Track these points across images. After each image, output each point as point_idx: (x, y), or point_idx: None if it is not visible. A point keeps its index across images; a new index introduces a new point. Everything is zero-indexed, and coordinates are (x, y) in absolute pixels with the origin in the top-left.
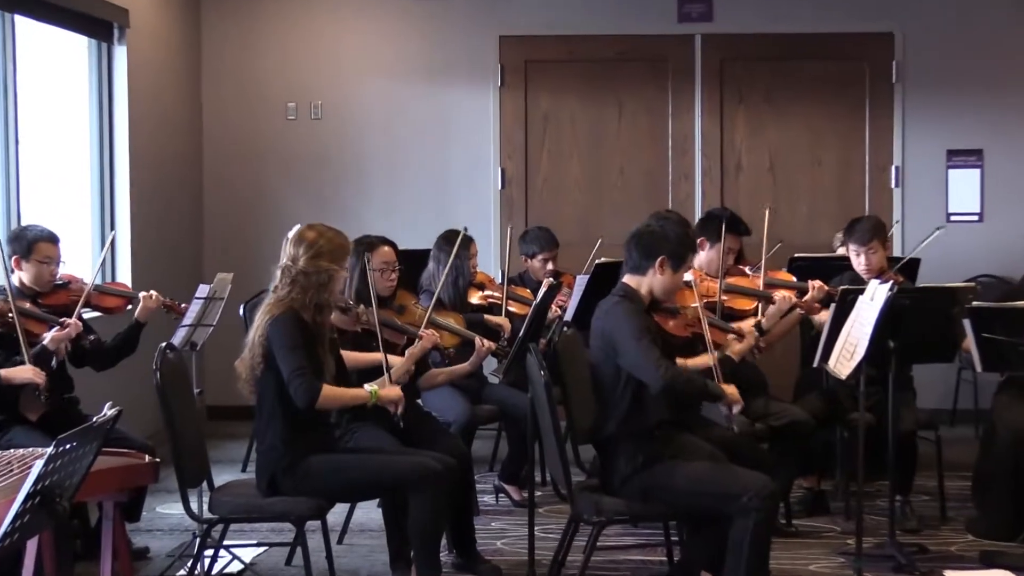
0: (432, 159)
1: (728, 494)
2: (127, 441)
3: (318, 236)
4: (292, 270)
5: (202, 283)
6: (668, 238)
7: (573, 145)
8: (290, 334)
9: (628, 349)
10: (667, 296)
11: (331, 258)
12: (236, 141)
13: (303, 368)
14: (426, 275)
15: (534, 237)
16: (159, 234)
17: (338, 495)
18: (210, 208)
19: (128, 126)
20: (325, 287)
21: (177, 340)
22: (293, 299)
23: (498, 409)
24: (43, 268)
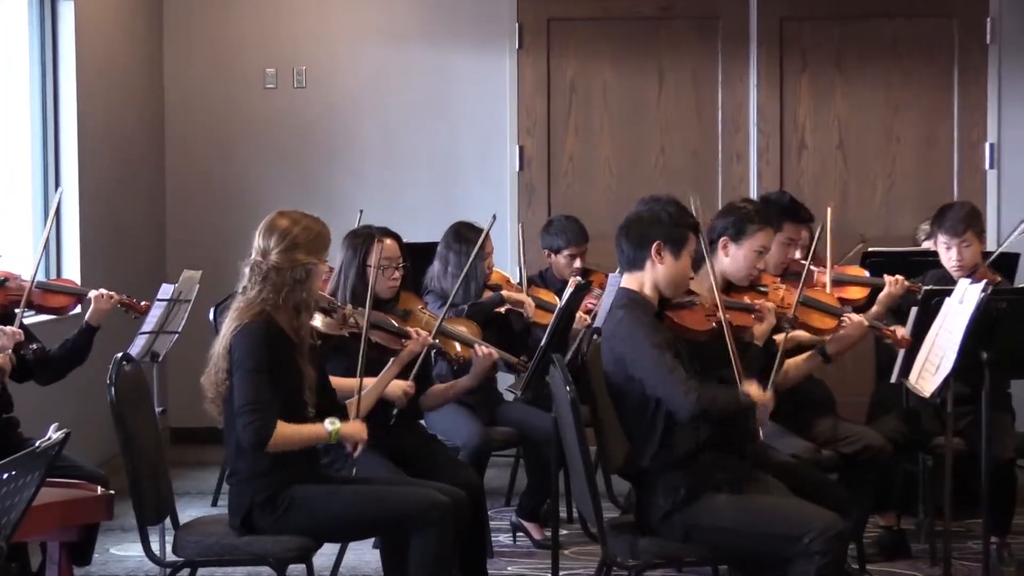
0: (437, 136)
1: (787, 534)
2: (76, 470)
3: (292, 224)
4: (262, 266)
5: (165, 283)
6: (660, 220)
7: (605, 119)
8: (255, 351)
9: (646, 374)
10: (675, 288)
11: (308, 250)
12: (205, 114)
13: (258, 403)
14: (430, 275)
15: (559, 229)
16: (113, 224)
17: (327, 533)
18: (174, 193)
19: (76, 96)
20: (302, 285)
21: (136, 349)
22: (265, 300)
23: (516, 432)
24: None
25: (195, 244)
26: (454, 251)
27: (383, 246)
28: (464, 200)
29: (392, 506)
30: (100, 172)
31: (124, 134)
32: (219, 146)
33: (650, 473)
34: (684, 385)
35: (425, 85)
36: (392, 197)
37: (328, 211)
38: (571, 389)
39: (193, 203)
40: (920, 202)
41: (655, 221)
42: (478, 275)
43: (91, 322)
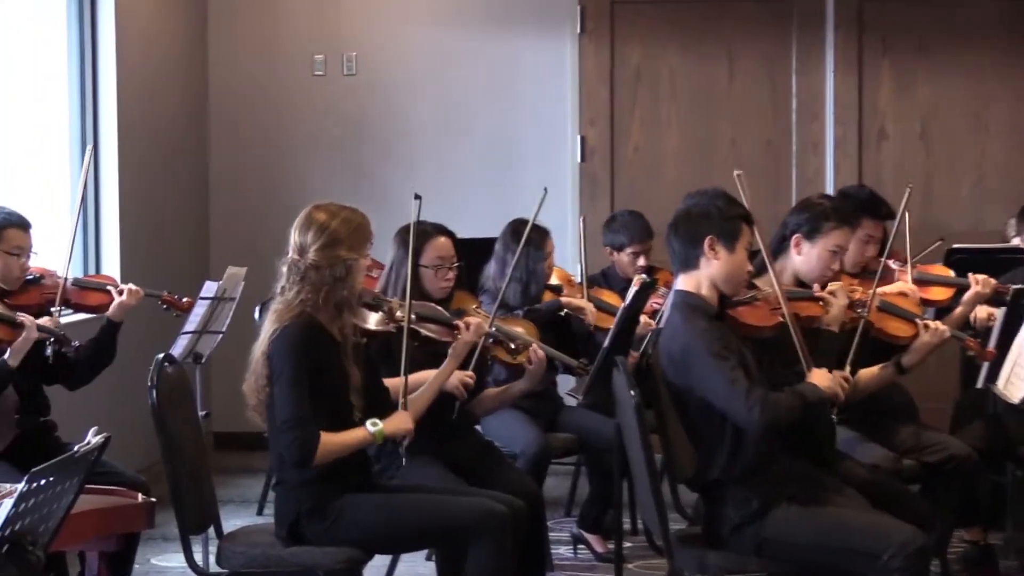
0: (494, 126)
1: (866, 550)
2: (116, 476)
3: (329, 218)
4: (300, 265)
5: (208, 280)
6: (709, 214)
7: (672, 108)
8: (294, 358)
9: (709, 385)
10: (734, 283)
11: (349, 245)
12: (250, 103)
13: (300, 419)
14: (487, 275)
15: (623, 224)
16: (154, 219)
17: (378, 544)
18: (218, 187)
19: (115, 84)
20: (343, 282)
21: (178, 350)
22: (304, 301)
23: (576, 438)
24: (11, 261)
25: (240, 239)
26: (511, 251)
27: (436, 244)
28: (522, 194)
29: (447, 516)
30: (140, 165)
31: (166, 125)
32: (265, 137)
33: (719, 483)
34: (747, 400)
35: (482, 72)
36: (447, 190)
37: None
38: (635, 393)
39: (238, 197)
40: (1011, 196)
41: (705, 215)
42: (537, 276)
43: (111, 317)
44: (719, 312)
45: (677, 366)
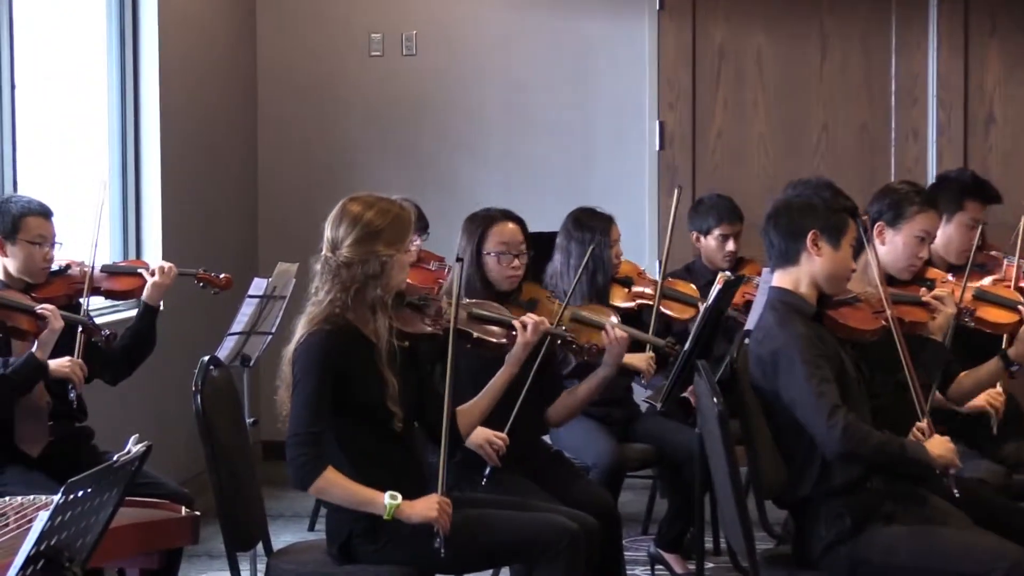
0: (566, 110)
1: (970, 572)
2: (158, 487)
3: (363, 209)
4: (332, 262)
5: (257, 276)
6: (814, 206)
7: (758, 92)
8: (316, 370)
9: (794, 393)
10: (836, 283)
11: (386, 239)
12: (302, 86)
13: (308, 435)
14: (551, 271)
15: (710, 206)
16: (199, 212)
17: (436, 564)
18: (267, 176)
19: (158, 67)
20: (376, 280)
21: (224, 352)
22: (333, 302)
23: (654, 449)
24: (33, 251)
25: (290, 233)
26: (575, 240)
27: (501, 229)
28: (596, 183)
29: (512, 534)
30: (184, 153)
31: (211, 109)
32: (318, 122)
33: (811, 499)
34: (829, 418)
35: (552, 52)
36: (513, 180)
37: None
38: (719, 401)
39: (288, 188)
40: None
41: (808, 208)
42: (604, 264)
43: (147, 301)
44: (817, 313)
45: (765, 369)
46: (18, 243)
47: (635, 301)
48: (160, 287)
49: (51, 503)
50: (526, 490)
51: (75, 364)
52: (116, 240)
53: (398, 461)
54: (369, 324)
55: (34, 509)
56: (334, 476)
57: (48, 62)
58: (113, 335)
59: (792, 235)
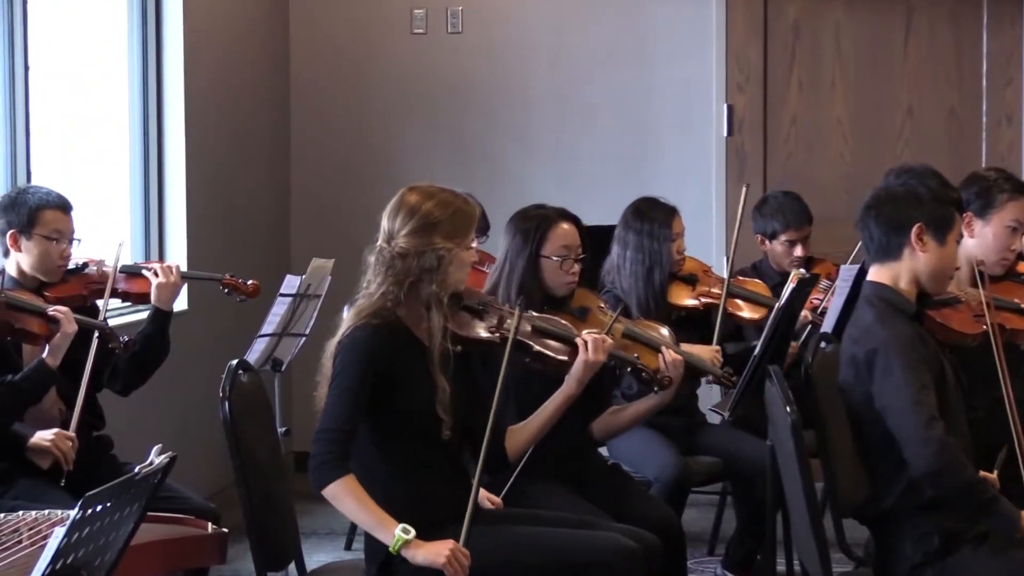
0: (625, 93)
1: None
2: (182, 502)
3: (423, 200)
4: (386, 253)
5: (289, 273)
6: (919, 197)
7: (836, 72)
8: (358, 366)
9: (888, 400)
10: (939, 281)
11: (445, 232)
12: (338, 66)
13: (339, 433)
14: (607, 266)
15: (777, 207)
16: (227, 203)
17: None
18: (300, 164)
19: (183, 46)
20: (432, 274)
21: (254, 356)
22: (386, 296)
23: (721, 462)
24: (49, 247)
25: (326, 227)
26: (633, 231)
27: (560, 232)
28: (657, 172)
29: (567, 553)
30: (211, 140)
31: (240, 92)
32: (356, 106)
33: (895, 516)
34: (926, 429)
35: (609, 30)
36: (567, 169)
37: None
38: (792, 410)
39: (323, 177)
40: None
41: (913, 199)
42: (663, 260)
43: (156, 304)
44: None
45: (859, 370)
46: (33, 238)
47: (700, 300)
48: (165, 288)
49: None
50: (574, 507)
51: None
52: (137, 235)
53: (444, 473)
54: (422, 323)
55: (49, 525)
56: (353, 485)
57: (66, 43)
58: (132, 342)
59: (895, 227)
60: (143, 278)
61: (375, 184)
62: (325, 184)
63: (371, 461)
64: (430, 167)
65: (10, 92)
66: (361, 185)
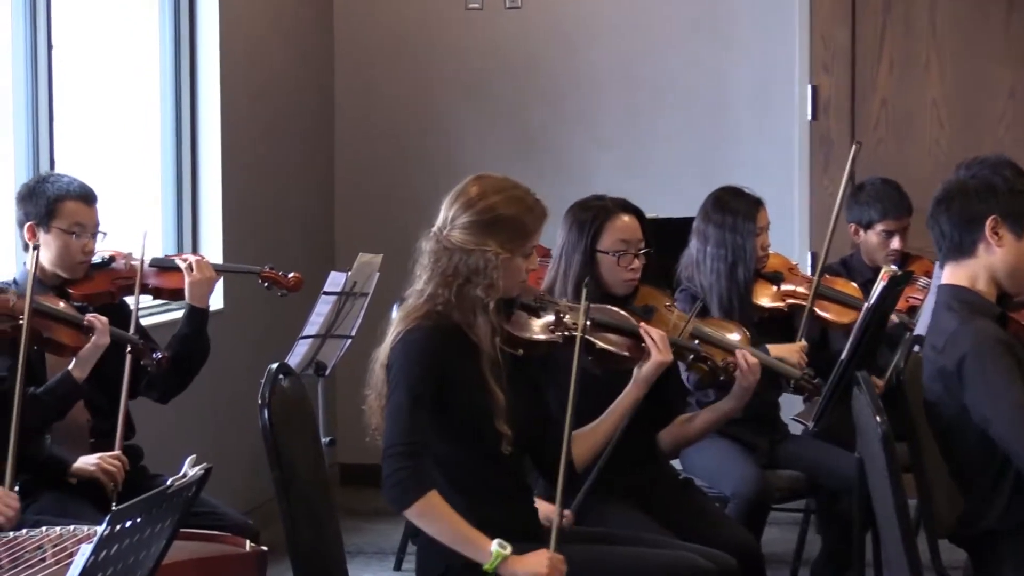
0: (699, 73)
1: None
2: (218, 518)
3: (486, 192)
4: (435, 242)
5: (334, 270)
6: (993, 188)
7: (931, 50)
8: (418, 370)
9: (987, 411)
10: (1020, 280)
11: (503, 235)
12: (387, 44)
13: (409, 447)
14: (686, 260)
15: (875, 194)
16: (265, 193)
17: None
18: (345, 152)
19: (218, 20)
20: (479, 277)
21: (296, 359)
22: (435, 298)
23: (805, 477)
24: (70, 241)
25: (373, 219)
26: (713, 223)
27: (619, 224)
28: (733, 160)
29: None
30: (249, 123)
31: (280, 71)
32: (406, 88)
33: (993, 536)
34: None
35: (684, 4)
36: (636, 155)
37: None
38: (882, 420)
39: (370, 166)
40: None
41: (987, 190)
42: (746, 255)
43: (193, 302)
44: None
45: (949, 382)
46: (52, 230)
47: (785, 301)
48: (200, 284)
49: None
50: (640, 526)
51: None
52: (169, 226)
53: (506, 490)
54: (473, 327)
55: (75, 541)
56: (439, 502)
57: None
58: (166, 359)
59: (968, 223)
60: (175, 272)
61: (427, 172)
62: (372, 172)
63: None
64: (486, 154)
65: (32, 72)
66: (412, 174)
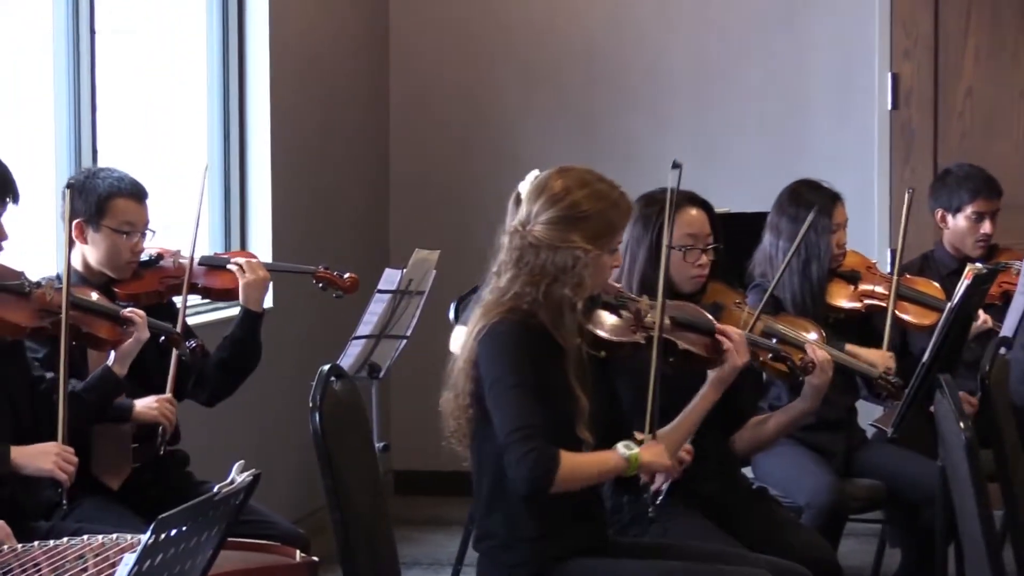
0: (775, 60)
1: None
2: (267, 527)
3: (572, 187)
4: (518, 238)
5: (388, 267)
6: None
7: (1019, 37)
8: (514, 358)
9: None
10: None
11: (589, 231)
12: (445, 26)
13: (531, 429)
14: (760, 256)
15: (961, 177)
16: (317, 185)
17: None
18: (400, 142)
19: (268, 9)
20: (567, 275)
21: (349, 360)
22: (520, 295)
23: (884, 486)
24: (119, 241)
25: (430, 214)
26: (788, 216)
27: (686, 218)
28: (809, 152)
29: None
30: (299, 111)
31: (333, 57)
32: (465, 74)
33: None
34: None
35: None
36: (705, 148)
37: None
38: (966, 426)
39: (427, 156)
40: None
41: None
42: (821, 253)
43: (246, 305)
44: None
45: None
46: (101, 229)
47: (862, 301)
48: (252, 286)
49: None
50: (708, 537)
51: (163, 404)
52: (216, 222)
53: (581, 500)
54: (559, 328)
55: (117, 551)
56: (570, 462)
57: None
58: (201, 347)
59: None
60: (227, 272)
61: (487, 164)
62: (429, 164)
63: (498, 482)
64: (550, 144)
65: (74, 59)
66: (471, 165)
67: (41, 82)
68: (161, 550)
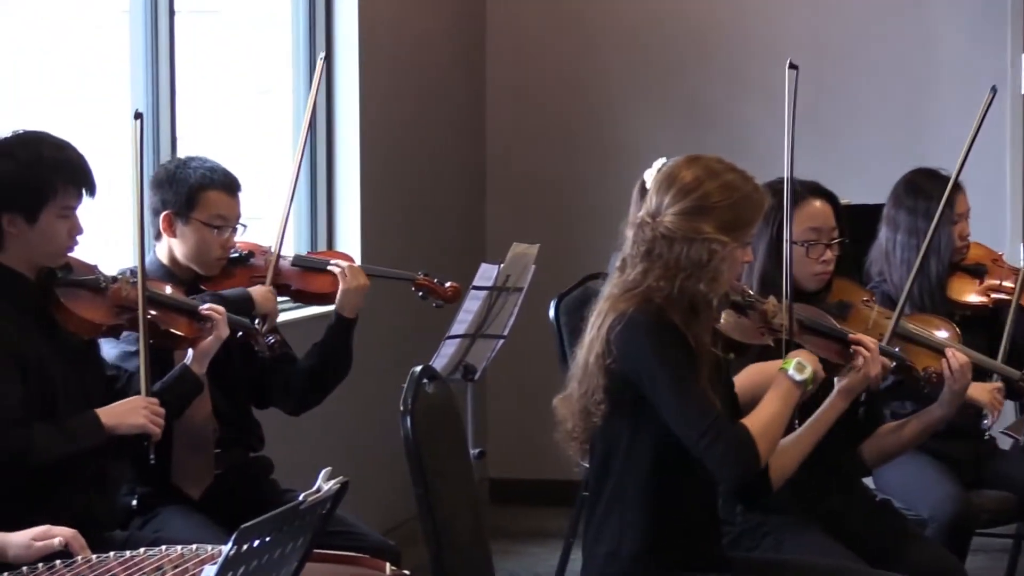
0: (897, 44)
1: None
2: (356, 538)
3: (702, 177)
4: (648, 230)
5: (485, 262)
6: None
7: None
8: (664, 349)
9: None
10: None
11: (721, 221)
12: (544, 12)
13: (716, 421)
14: (875, 253)
15: None
16: (409, 177)
17: None
18: (497, 131)
19: None
20: (703, 270)
21: (442, 361)
22: (652, 289)
23: (1015, 498)
24: (208, 236)
25: (528, 206)
26: (905, 208)
27: (809, 211)
28: (936, 141)
29: None
30: (390, 100)
31: (425, 42)
32: (567, 59)
33: None
34: None
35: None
36: (823, 136)
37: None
38: None
39: (526, 147)
40: None
41: None
42: (941, 246)
43: (342, 312)
44: None
45: None
46: (191, 223)
47: (989, 296)
48: (352, 293)
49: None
50: (827, 552)
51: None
52: (303, 219)
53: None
54: (690, 327)
55: (197, 562)
56: (756, 425)
57: None
58: (278, 342)
59: None
60: (320, 274)
61: (589, 154)
62: (528, 154)
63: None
64: (658, 133)
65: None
66: (572, 155)
67: (119, 66)
68: (243, 562)
